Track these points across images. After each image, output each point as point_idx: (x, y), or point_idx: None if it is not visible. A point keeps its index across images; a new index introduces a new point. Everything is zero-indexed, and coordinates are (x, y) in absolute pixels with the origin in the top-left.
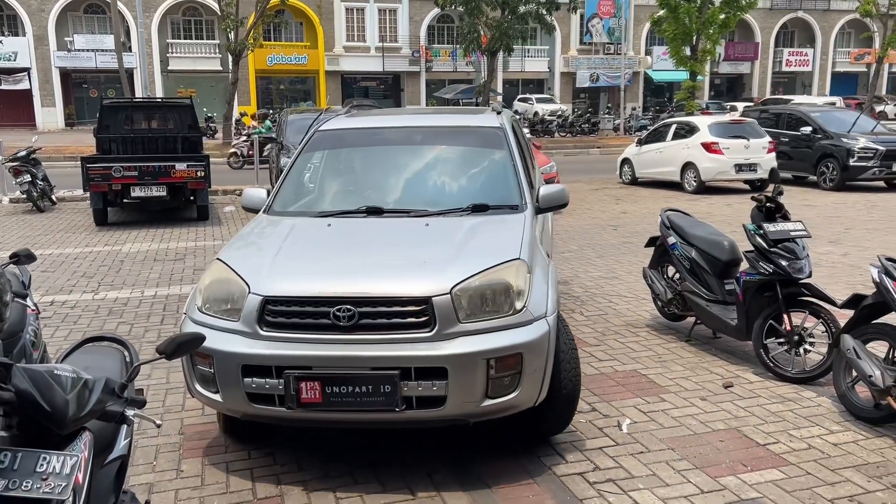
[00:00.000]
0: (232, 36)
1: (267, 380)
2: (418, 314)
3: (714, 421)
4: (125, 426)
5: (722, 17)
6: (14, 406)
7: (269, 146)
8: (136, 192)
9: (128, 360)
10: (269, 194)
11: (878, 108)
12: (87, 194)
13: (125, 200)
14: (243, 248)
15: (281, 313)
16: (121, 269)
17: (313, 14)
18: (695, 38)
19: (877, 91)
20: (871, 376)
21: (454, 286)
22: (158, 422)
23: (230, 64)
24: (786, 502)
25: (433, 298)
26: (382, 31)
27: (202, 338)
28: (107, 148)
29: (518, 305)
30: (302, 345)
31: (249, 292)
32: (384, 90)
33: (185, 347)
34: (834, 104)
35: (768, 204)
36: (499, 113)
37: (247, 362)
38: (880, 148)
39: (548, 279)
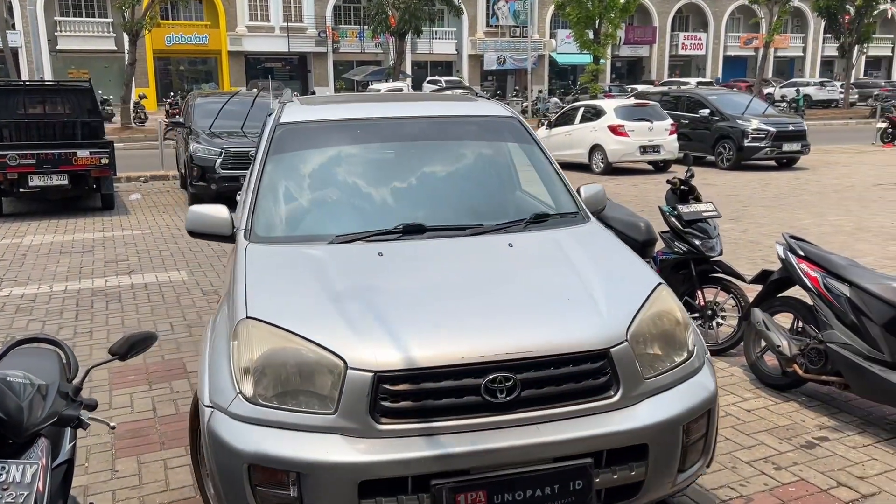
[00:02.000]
0: (127, 14)
1: (401, 498)
2: (595, 373)
3: None
4: (69, 430)
5: (622, 1)
6: None
7: (174, 128)
8: (35, 182)
9: (65, 361)
10: (234, 211)
11: (767, 91)
12: None
13: (22, 190)
14: (281, 297)
15: (406, 394)
16: (24, 263)
17: None
18: (597, 21)
19: (764, 74)
20: (779, 346)
21: (628, 329)
22: (113, 424)
23: (126, 44)
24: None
25: (611, 350)
26: (287, 10)
27: (155, 336)
28: None
29: (690, 344)
30: (446, 438)
31: (348, 368)
32: (290, 71)
33: (139, 347)
34: (711, 84)
35: (682, 186)
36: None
37: (367, 476)
38: (771, 129)
39: None
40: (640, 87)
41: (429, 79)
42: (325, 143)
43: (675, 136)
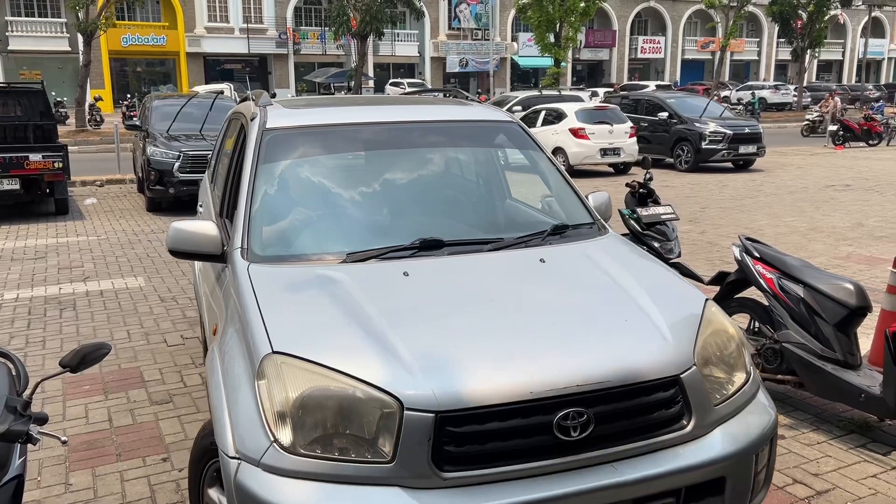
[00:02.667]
0: (81, 14)
1: None
2: (668, 403)
3: None
4: (18, 444)
5: (582, 5)
6: None
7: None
8: None
9: (14, 373)
10: (219, 224)
11: (723, 94)
12: None
13: None
14: (307, 326)
15: (471, 437)
16: None
17: None
18: (558, 25)
19: (721, 77)
20: None
21: (694, 352)
22: (64, 438)
23: (80, 44)
24: None
25: (681, 376)
26: (247, 11)
27: (109, 347)
28: None
29: (748, 364)
30: (518, 486)
31: (404, 409)
32: (250, 73)
33: (92, 358)
34: (670, 87)
35: (640, 189)
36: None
37: None
38: (728, 132)
39: None
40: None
41: (391, 81)
42: (319, 151)
43: (634, 138)
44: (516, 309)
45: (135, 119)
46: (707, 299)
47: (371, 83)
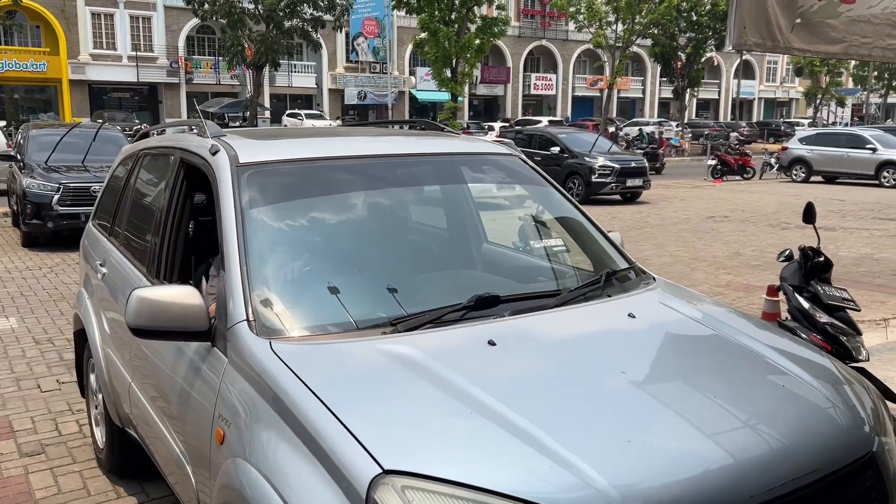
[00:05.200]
0: None
1: None
2: (865, 488)
3: None
4: None
5: (477, 42)
6: None
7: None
8: None
9: None
10: (203, 289)
11: (611, 129)
12: None
13: None
14: (408, 429)
15: None
16: None
17: (52, 18)
18: (454, 60)
19: (609, 114)
20: None
21: (868, 418)
22: None
23: None
24: None
25: (873, 451)
26: (135, 39)
27: None
28: None
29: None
30: None
31: None
32: (139, 102)
33: None
34: (562, 123)
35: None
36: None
37: None
38: (616, 166)
39: None
40: (497, 125)
41: (288, 112)
42: (315, 190)
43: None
44: (658, 381)
45: (10, 149)
46: (830, 352)
47: (267, 114)
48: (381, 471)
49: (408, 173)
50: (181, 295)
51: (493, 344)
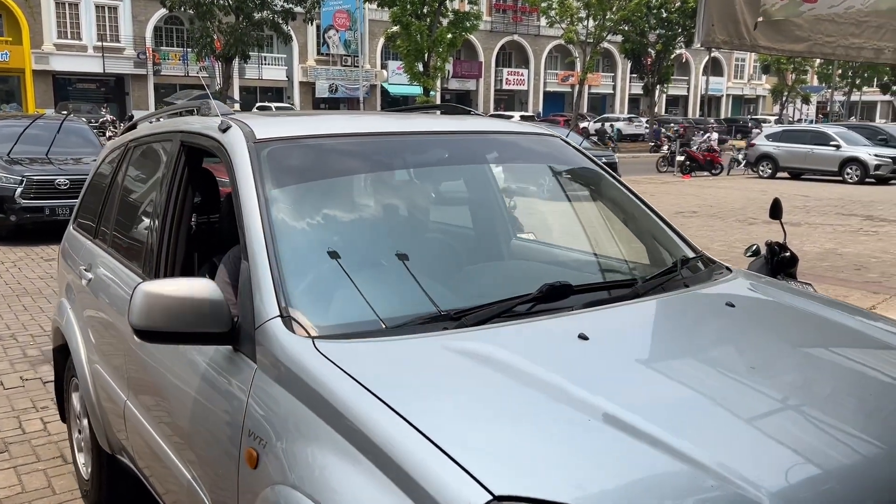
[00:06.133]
0: None
1: None
2: None
3: None
4: None
5: (449, 36)
6: None
7: None
8: None
9: None
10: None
11: (582, 125)
12: None
13: None
14: (507, 442)
15: None
16: None
17: (15, 6)
18: (426, 55)
19: (580, 110)
20: None
21: None
22: None
23: None
24: None
25: None
26: (101, 29)
27: None
28: None
29: None
30: None
31: None
32: (105, 93)
33: None
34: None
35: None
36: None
37: None
38: None
39: None
40: None
41: (258, 104)
42: (345, 169)
43: (500, 168)
44: (795, 381)
45: None
46: None
47: (237, 106)
48: (490, 497)
49: (448, 152)
50: (197, 288)
51: (585, 338)
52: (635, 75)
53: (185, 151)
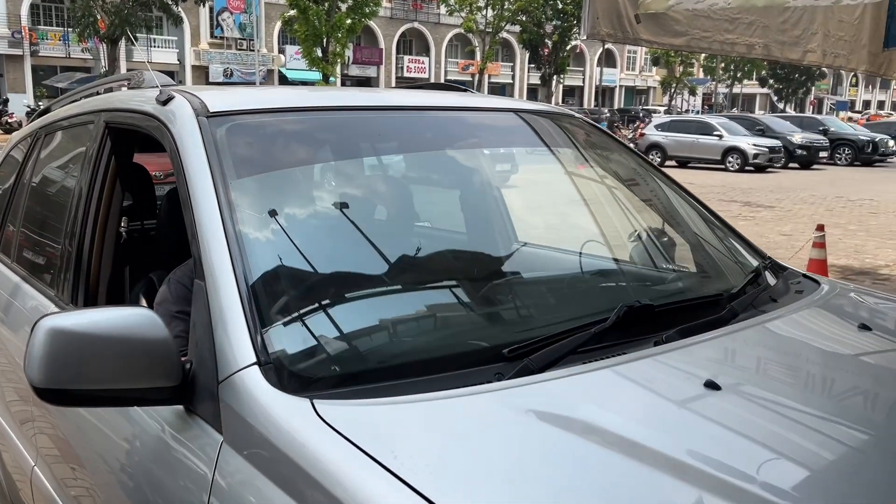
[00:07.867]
0: None
1: None
2: None
3: None
4: None
5: (349, 21)
6: None
7: None
8: None
9: None
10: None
11: None
12: None
13: None
14: None
15: None
16: None
17: None
18: (325, 40)
19: None
20: None
21: None
22: None
23: None
24: None
25: None
26: None
27: None
28: None
29: None
30: None
31: None
32: None
33: None
34: None
35: None
36: None
37: None
38: None
39: None
40: None
41: None
42: (336, 150)
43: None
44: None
45: None
46: None
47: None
48: None
49: (455, 131)
50: (129, 321)
51: (716, 387)
52: (533, 65)
53: (112, 135)
